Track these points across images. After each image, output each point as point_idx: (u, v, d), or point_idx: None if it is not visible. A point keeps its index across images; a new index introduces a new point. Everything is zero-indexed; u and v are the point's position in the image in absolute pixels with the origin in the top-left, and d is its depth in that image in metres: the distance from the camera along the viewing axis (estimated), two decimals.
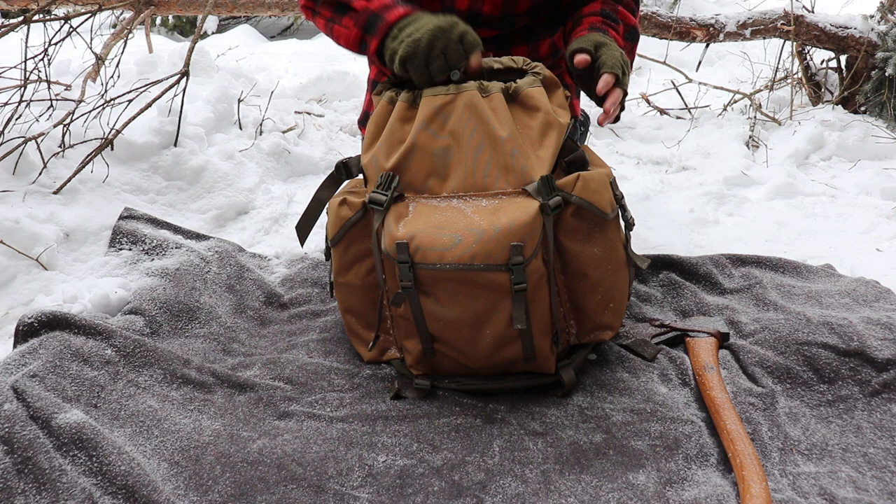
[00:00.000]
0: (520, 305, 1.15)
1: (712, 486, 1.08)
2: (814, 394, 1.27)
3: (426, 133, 1.20)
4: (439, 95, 1.21)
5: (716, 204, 2.10)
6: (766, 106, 2.85)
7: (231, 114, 2.40)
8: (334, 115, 2.74)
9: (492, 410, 1.24)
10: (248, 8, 3.05)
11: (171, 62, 2.70)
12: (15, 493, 1.01)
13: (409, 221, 1.18)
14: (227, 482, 1.09)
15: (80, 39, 2.23)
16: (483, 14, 1.39)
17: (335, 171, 1.32)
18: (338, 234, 1.30)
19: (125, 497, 1.02)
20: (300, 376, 1.33)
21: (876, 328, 1.35)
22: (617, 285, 1.27)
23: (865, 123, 2.55)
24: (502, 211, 1.16)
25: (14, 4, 3.00)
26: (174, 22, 5.02)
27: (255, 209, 2.03)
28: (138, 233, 1.70)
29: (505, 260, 1.12)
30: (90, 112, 2.00)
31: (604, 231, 1.23)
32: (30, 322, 1.31)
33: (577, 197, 1.19)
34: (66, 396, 1.19)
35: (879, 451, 1.15)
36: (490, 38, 1.42)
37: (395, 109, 1.25)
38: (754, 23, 2.80)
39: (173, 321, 1.45)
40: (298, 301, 1.59)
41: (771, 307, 1.49)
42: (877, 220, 1.98)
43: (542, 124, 1.21)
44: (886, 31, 2.66)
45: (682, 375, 1.32)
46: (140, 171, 1.98)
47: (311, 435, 1.18)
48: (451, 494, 1.08)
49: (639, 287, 1.61)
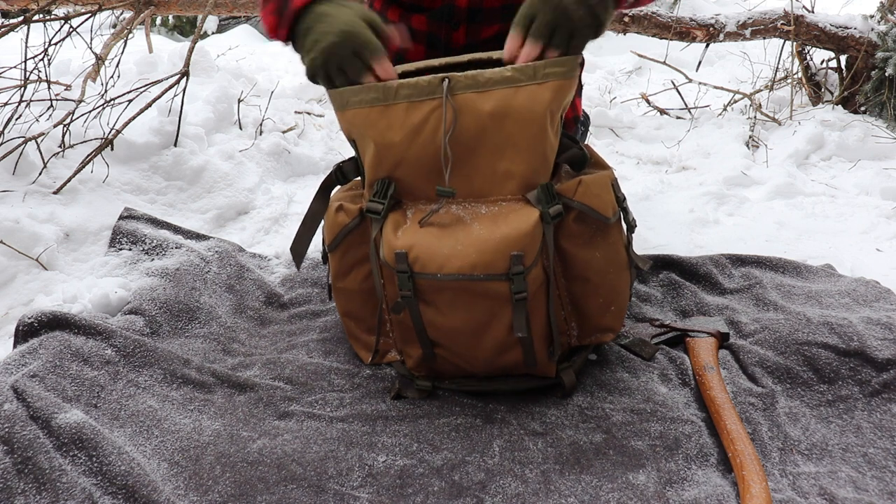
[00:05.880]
0: (520, 314, 1.14)
1: (712, 486, 1.08)
2: (814, 394, 1.27)
3: (422, 137, 1.16)
4: (436, 99, 1.15)
5: (716, 204, 2.10)
6: (766, 106, 2.85)
7: (231, 114, 2.40)
8: (334, 115, 2.74)
9: (492, 410, 1.24)
10: (248, 8, 3.05)
11: (171, 62, 2.70)
12: (15, 493, 1.01)
13: (407, 230, 1.16)
14: (227, 482, 1.09)
15: (80, 39, 2.23)
16: (484, 8, 1.37)
17: (332, 175, 1.30)
18: (334, 240, 1.29)
19: (125, 497, 1.02)
20: (300, 376, 1.33)
21: (876, 328, 1.35)
22: (618, 288, 1.26)
23: (865, 123, 2.55)
24: (502, 219, 1.13)
25: (14, 4, 3.00)
26: (174, 22, 5.02)
27: (255, 209, 2.03)
28: (138, 233, 1.70)
29: (505, 269, 1.11)
30: (90, 112, 2.01)
31: (605, 235, 1.21)
32: (30, 322, 1.31)
33: (579, 202, 1.17)
34: (66, 396, 1.19)
35: (879, 451, 1.15)
36: (492, 38, 1.41)
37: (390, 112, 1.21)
38: (754, 23, 2.80)
39: (173, 321, 1.45)
40: (298, 301, 1.59)
41: (771, 307, 1.49)
42: (877, 220, 1.98)
43: (540, 126, 1.16)
44: (886, 31, 2.66)
45: (682, 375, 1.32)
46: (140, 171, 1.98)
47: (311, 435, 1.18)
48: (451, 494, 1.08)
49: (639, 287, 1.61)
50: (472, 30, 1.40)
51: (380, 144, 1.17)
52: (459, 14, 1.38)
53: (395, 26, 1.21)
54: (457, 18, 1.39)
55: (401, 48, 1.49)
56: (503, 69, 1.13)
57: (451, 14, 1.38)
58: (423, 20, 1.41)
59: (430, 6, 1.39)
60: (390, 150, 1.17)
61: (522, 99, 1.12)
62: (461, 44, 1.41)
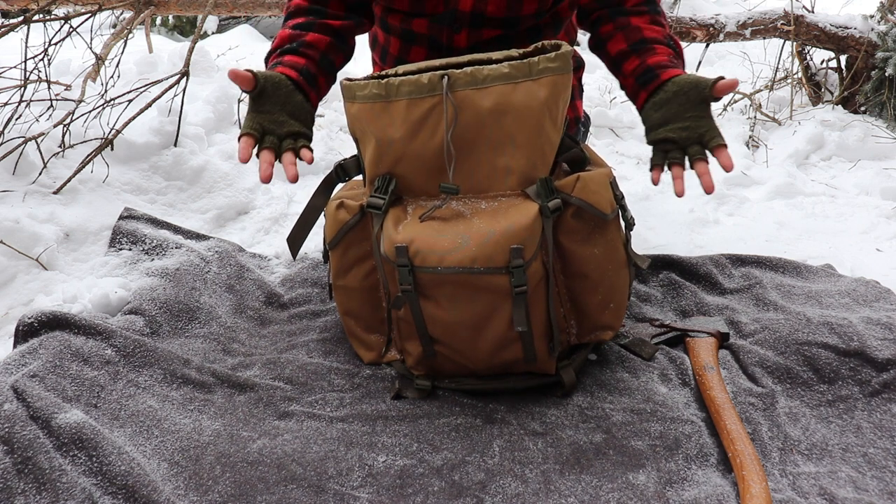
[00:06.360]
0: (520, 308, 1.15)
1: (712, 486, 1.08)
2: (814, 394, 1.27)
3: (422, 134, 1.17)
4: (436, 96, 1.17)
5: (716, 204, 2.10)
6: (766, 106, 2.85)
7: (231, 114, 2.40)
8: (334, 114, 2.74)
9: (492, 410, 1.24)
10: (248, 8, 3.05)
11: (171, 62, 2.69)
12: (15, 493, 1.01)
13: (407, 225, 1.17)
14: (227, 482, 1.09)
15: (80, 39, 2.23)
16: (486, 15, 1.38)
17: (333, 172, 1.31)
18: (335, 237, 1.30)
19: (125, 497, 1.02)
20: (300, 376, 1.33)
21: (876, 328, 1.35)
22: (617, 285, 1.27)
23: (865, 123, 2.55)
24: (501, 213, 1.15)
25: (14, 4, 3.00)
26: (174, 22, 5.02)
27: (255, 209, 2.03)
28: (138, 233, 1.70)
29: (505, 263, 1.12)
30: (90, 112, 2.00)
31: (604, 231, 1.22)
32: (30, 322, 1.31)
33: (577, 198, 1.18)
34: (66, 396, 1.19)
35: (879, 451, 1.15)
36: (493, 39, 1.41)
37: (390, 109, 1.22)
38: (754, 23, 2.80)
39: (173, 321, 1.45)
40: (298, 301, 1.59)
41: (771, 307, 1.49)
42: (877, 220, 1.98)
43: (537, 121, 1.18)
44: (886, 31, 2.66)
45: (682, 375, 1.32)
46: (140, 171, 1.98)
47: (311, 435, 1.18)
48: (451, 494, 1.08)
49: (639, 287, 1.61)
50: (473, 34, 1.40)
51: (381, 140, 1.19)
52: (462, 19, 1.38)
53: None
54: (459, 23, 1.39)
55: (399, 52, 1.49)
56: (500, 66, 1.14)
57: (454, 19, 1.38)
58: (424, 24, 1.41)
59: (432, 11, 1.39)
60: (391, 146, 1.18)
61: (520, 95, 1.14)
62: (462, 46, 1.41)
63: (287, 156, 1.21)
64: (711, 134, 1.20)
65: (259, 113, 1.23)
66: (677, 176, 1.20)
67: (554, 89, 1.15)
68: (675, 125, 1.22)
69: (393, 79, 1.16)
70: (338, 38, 1.37)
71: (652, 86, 1.28)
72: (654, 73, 1.28)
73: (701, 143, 1.20)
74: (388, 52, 1.53)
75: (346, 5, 1.41)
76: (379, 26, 1.52)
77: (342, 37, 1.38)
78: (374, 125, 1.18)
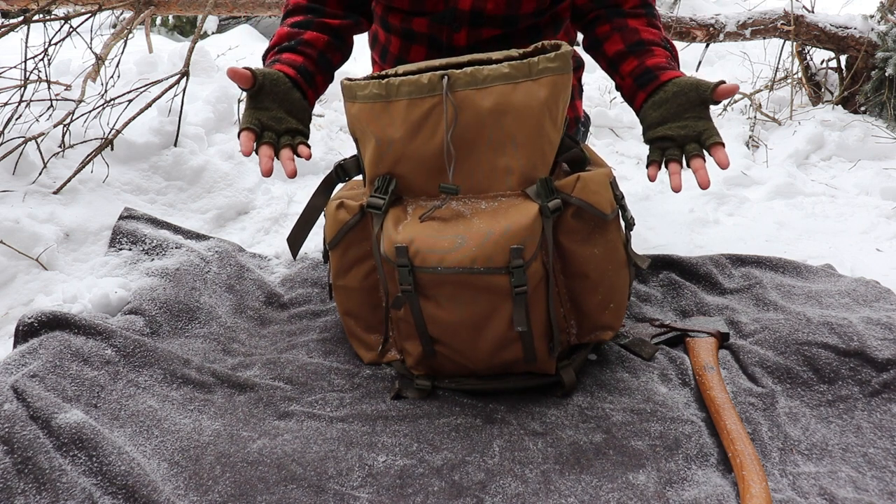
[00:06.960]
0: (520, 308, 1.15)
1: (712, 486, 1.08)
2: (814, 394, 1.27)
3: (422, 134, 1.17)
4: (436, 96, 1.17)
5: (716, 204, 2.10)
6: (766, 106, 2.85)
7: (231, 114, 2.40)
8: (334, 114, 2.74)
9: (492, 410, 1.24)
10: (248, 8, 3.05)
11: (171, 62, 2.69)
12: (15, 493, 1.01)
13: (407, 225, 1.17)
14: (227, 482, 1.09)
15: (80, 39, 2.23)
16: (486, 13, 1.38)
17: (333, 172, 1.31)
18: (335, 237, 1.30)
19: (125, 497, 1.02)
20: (300, 376, 1.33)
21: (876, 328, 1.35)
22: (617, 285, 1.27)
23: (865, 123, 2.55)
24: (501, 213, 1.15)
25: (14, 4, 3.00)
26: (174, 22, 5.02)
27: (255, 209, 2.03)
28: (138, 233, 1.70)
29: (505, 263, 1.12)
30: (90, 112, 2.00)
31: (604, 231, 1.22)
32: (30, 322, 1.31)
33: (577, 198, 1.18)
34: (66, 396, 1.19)
35: (879, 451, 1.15)
36: (493, 38, 1.41)
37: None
38: (754, 23, 2.80)
39: (173, 321, 1.45)
40: (298, 301, 1.59)
41: (771, 307, 1.49)
42: (877, 220, 1.98)
43: (537, 121, 1.17)
44: (886, 31, 2.66)
45: (682, 375, 1.32)
46: (140, 171, 1.98)
47: (311, 435, 1.18)
48: (451, 494, 1.08)
49: (639, 287, 1.61)
50: (473, 32, 1.41)
51: (381, 140, 1.19)
52: (462, 17, 1.39)
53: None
54: (459, 22, 1.39)
55: (399, 51, 1.49)
56: (500, 66, 1.14)
57: (454, 17, 1.39)
58: (424, 23, 1.42)
59: (432, 10, 1.39)
60: (391, 146, 1.18)
61: (520, 95, 1.14)
62: (462, 45, 1.42)
63: (285, 152, 1.22)
64: (709, 133, 1.22)
65: (257, 109, 1.24)
66: (674, 172, 1.22)
67: (554, 89, 1.15)
68: (674, 124, 1.23)
69: (393, 79, 1.16)
70: (336, 36, 1.37)
71: (651, 87, 1.28)
72: (653, 75, 1.29)
73: (698, 141, 1.22)
74: (388, 51, 1.53)
75: (344, 4, 1.41)
76: (379, 25, 1.52)
77: (340, 36, 1.38)
78: (374, 125, 1.18)
